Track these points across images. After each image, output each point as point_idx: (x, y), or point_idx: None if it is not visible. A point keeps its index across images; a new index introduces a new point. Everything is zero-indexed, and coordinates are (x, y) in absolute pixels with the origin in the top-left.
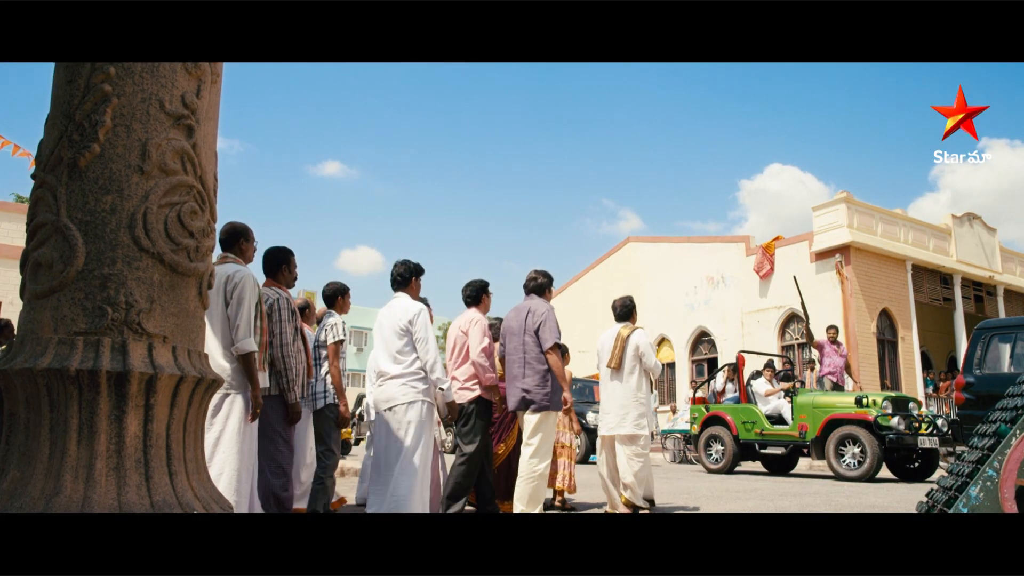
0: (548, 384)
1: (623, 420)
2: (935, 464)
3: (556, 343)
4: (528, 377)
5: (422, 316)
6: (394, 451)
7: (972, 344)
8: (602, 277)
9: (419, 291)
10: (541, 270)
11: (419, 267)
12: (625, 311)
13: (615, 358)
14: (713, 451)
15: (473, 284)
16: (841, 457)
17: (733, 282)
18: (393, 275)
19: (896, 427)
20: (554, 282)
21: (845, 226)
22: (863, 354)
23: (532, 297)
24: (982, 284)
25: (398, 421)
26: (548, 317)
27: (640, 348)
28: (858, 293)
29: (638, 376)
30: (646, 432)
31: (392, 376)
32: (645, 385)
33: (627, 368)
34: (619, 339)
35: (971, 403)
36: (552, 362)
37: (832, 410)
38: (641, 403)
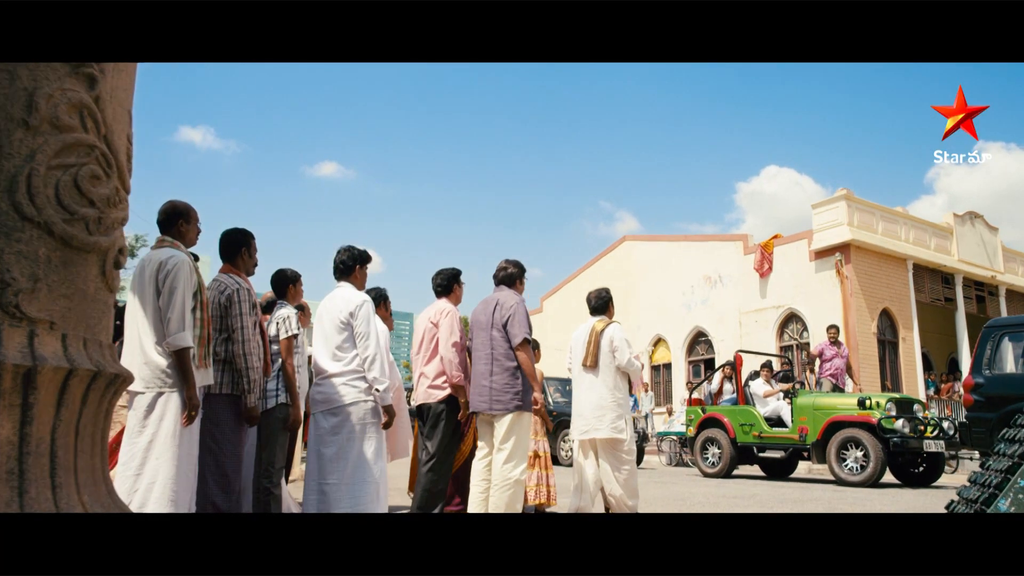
0: (518, 382)
1: (599, 422)
2: (941, 469)
3: (526, 338)
4: (496, 375)
5: (364, 308)
6: (333, 459)
7: (980, 343)
8: (597, 277)
9: (365, 281)
10: (512, 260)
11: (364, 254)
12: (600, 304)
13: (589, 355)
14: (709, 454)
15: (444, 272)
16: (843, 461)
17: (731, 282)
18: (335, 263)
19: (901, 430)
20: (525, 272)
21: (845, 224)
22: (863, 355)
23: (501, 289)
24: (984, 284)
25: (338, 425)
26: (517, 310)
27: (614, 343)
28: (858, 292)
29: (614, 374)
30: (626, 436)
31: (332, 374)
32: (623, 384)
33: (602, 366)
34: (593, 334)
35: (980, 405)
36: (521, 359)
37: (833, 412)
38: (619, 404)
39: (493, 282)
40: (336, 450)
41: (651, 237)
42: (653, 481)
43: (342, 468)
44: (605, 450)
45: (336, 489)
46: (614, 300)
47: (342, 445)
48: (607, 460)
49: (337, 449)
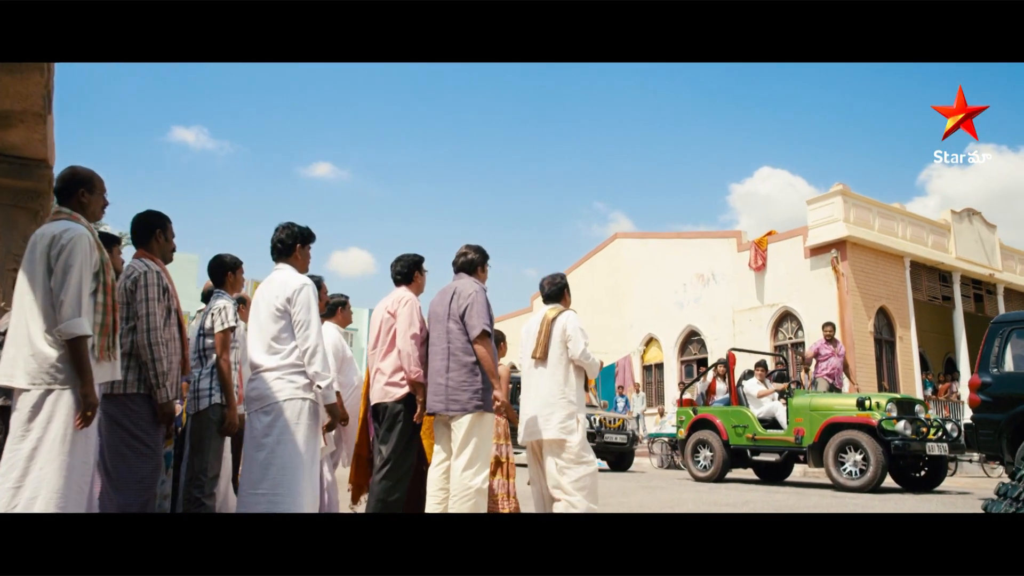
0: (477, 380)
1: (547, 422)
2: (943, 473)
3: (486, 330)
4: (453, 372)
5: (304, 293)
6: (263, 466)
7: (987, 340)
8: (589, 275)
9: (307, 262)
10: (473, 244)
11: (306, 232)
12: (555, 290)
13: (540, 346)
14: (701, 457)
15: (404, 259)
16: (841, 465)
17: (724, 279)
18: (272, 242)
19: (902, 432)
20: (488, 259)
21: (841, 220)
22: (860, 354)
23: (461, 276)
24: (982, 282)
25: (270, 425)
26: (476, 299)
27: (567, 332)
28: (854, 290)
29: (566, 368)
30: (574, 438)
31: (266, 369)
32: (576, 380)
33: (553, 358)
34: (544, 323)
35: (987, 406)
36: (480, 353)
37: (831, 413)
38: (570, 402)
39: (452, 270)
40: (266, 455)
41: (643, 234)
42: (641, 486)
43: (271, 476)
44: (551, 452)
45: (260, 501)
46: (608, 298)
47: (272, 449)
48: (552, 462)
49: (267, 454)
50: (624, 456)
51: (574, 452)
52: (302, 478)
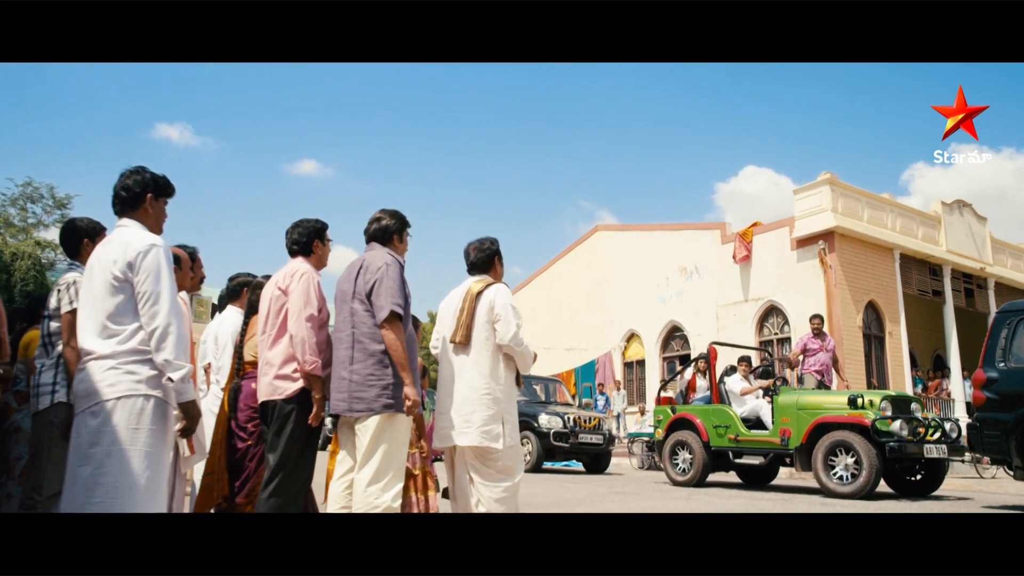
0: (388, 373)
1: (466, 424)
2: (941, 477)
3: (396, 312)
4: (358, 363)
5: (153, 258)
6: (88, 486)
7: (993, 332)
8: (569, 268)
9: (162, 222)
10: (390, 209)
11: (163, 181)
12: (482, 257)
13: (461, 327)
14: (680, 460)
15: (303, 224)
16: (831, 469)
17: (707, 273)
18: (115, 190)
19: (898, 433)
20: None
21: (829, 210)
22: (848, 350)
23: (372, 247)
24: (972, 276)
25: (97, 431)
26: (387, 274)
27: (496, 310)
28: (842, 283)
29: (493, 356)
30: (501, 444)
31: (98, 356)
32: (506, 371)
33: (477, 343)
34: (468, 298)
35: (993, 404)
36: (388, 340)
37: (820, 412)
38: (496, 399)
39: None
40: (92, 471)
41: (624, 226)
42: (614, 491)
43: (98, 499)
44: (473, 463)
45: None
46: (589, 292)
47: (100, 463)
48: (475, 475)
49: (93, 469)
50: (600, 457)
51: (500, 463)
52: (140, 501)
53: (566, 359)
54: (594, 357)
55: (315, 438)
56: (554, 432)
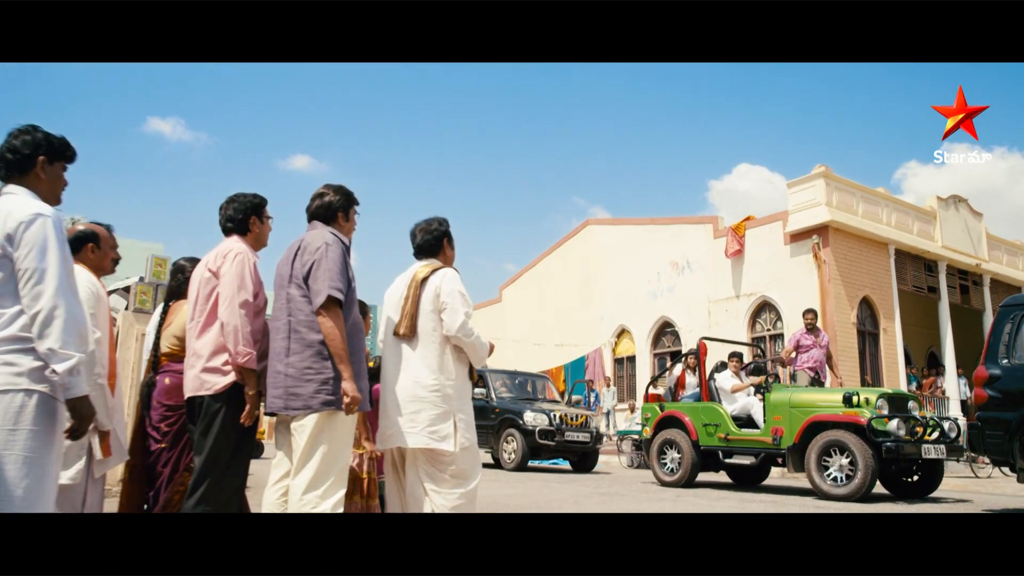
0: (327, 367)
1: (411, 423)
2: (939, 478)
3: (334, 297)
4: (295, 355)
5: (37, 229)
6: None
7: (997, 327)
8: (559, 263)
9: (58, 186)
10: (335, 185)
11: (60, 143)
12: (429, 239)
13: (405, 317)
14: (668, 460)
15: (239, 200)
16: (825, 470)
17: (699, 268)
18: (0, 153)
19: (895, 432)
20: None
21: (823, 204)
22: (842, 347)
23: (314, 226)
24: (967, 273)
25: None
26: (326, 255)
27: (442, 297)
28: (836, 279)
29: (441, 348)
30: (452, 446)
31: None
32: (456, 365)
33: (423, 334)
34: (413, 285)
35: (996, 402)
36: (326, 329)
37: (814, 410)
38: (446, 396)
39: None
40: None
41: (615, 221)
42: (599, 492)
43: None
44: (424, 468)
45: None
46: (579, 287)
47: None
48: (427, 482)
49: None
50: (587, 456)
51: (453, 467)
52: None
53: (556, 355)
54: (584, 353)
55: (249, 439)
56: (539, 430)
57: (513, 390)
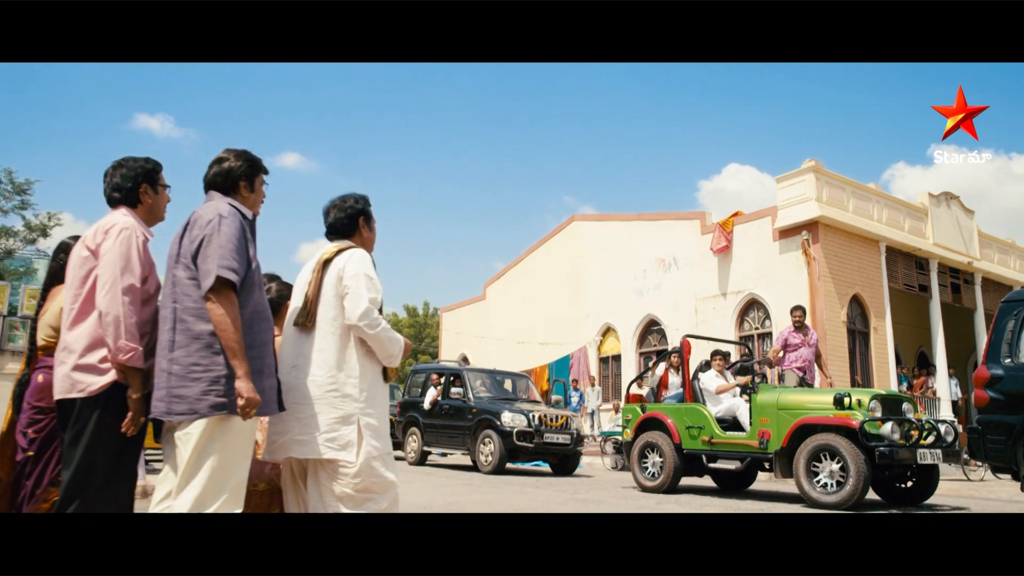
0: (220, 362)
1: (306, 429)
2: (934, 484)
3: (226, 279)
4: (180, 349)
5: None
6: None
7: (999, 324)
8: (544, 260)
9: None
10: (239, 149)
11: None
12: (343, 218)
13: (307, 305)
14: (649, 464)
15: (127, 165)
16: (814, 476)
17: (686, 265)
18: None
19: (889, 436)
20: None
21: (813, 199)
22: (832, 346)
23: (210, 197)
24: (959, 271)
25: None
26: (219, 229)
27: (344, 281)
28: (827, 276)
29: (341, 341)
30: (354, 455)
31: None
32: (363, 361)
33: (323, 325)
34: (316, 268)
35: (998, 405)
36: (214, 316)
37: (803, 412)
38: (346, 396)
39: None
40: None
41: (601, 217)
42: (576, 498)
43: None
44: (323, 482)
45: None
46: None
47: None
48: (327, 498)
49: None
50: (568, 458)
51: (357, 481)
52: None
53: (540, 354)
54: (569, 352)
55: (132, 451)
56: (517, 431)
57: (492, 390)
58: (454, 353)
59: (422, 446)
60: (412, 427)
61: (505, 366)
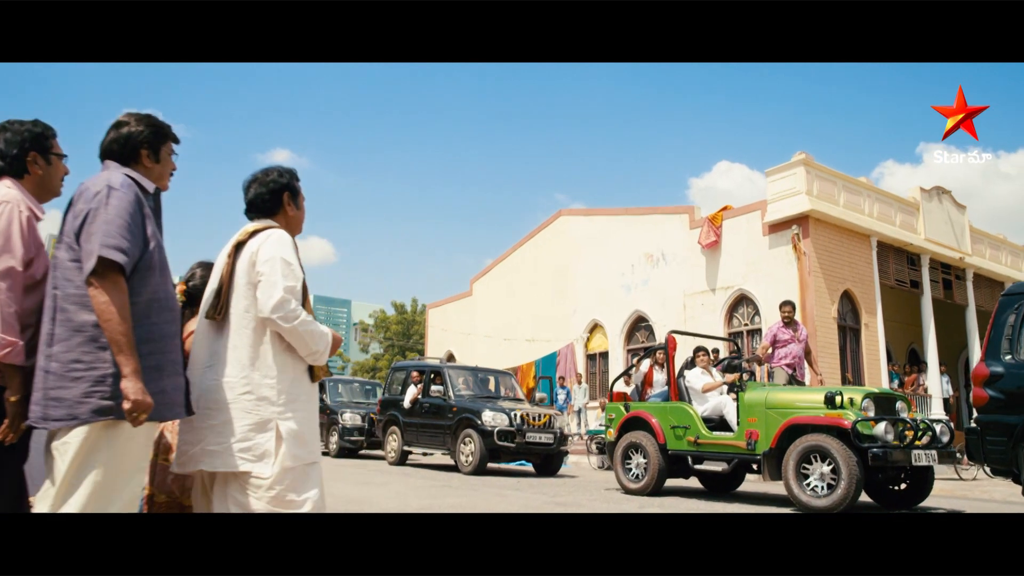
0: (106, 359)
1: (215, 436)
2: (929, 486)
3: (111, 260)
4: (59, 344)
5: None
6: None
7: (998, 318)
8: (531, 256)
9: None
10: (142, 114)
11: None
12: (263, 194)
13: (219, 295)
14: (633, 465)
15: (12, 129)
16: (804, 478)
17: (675, 260)
18: None
19: (883, 437)
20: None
21: (804, 193)
22: (822, 342)
23: (105, 166)
24: (951, 267)
25: None
26: (107, 203)
27: (258, 268)
28: (817, 271)
29: (256, 336)
30: (270, 469)
31: None
32: (282, 358)
33: (236, 317)
34: (230, 252)
35: (998, 404)
36: (98, 306)
37: (793, 412)
38: (262, 400)
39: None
40: None
41: (589, 211)
42: (555, 501)
43: None
44: (230, 492)
45: None
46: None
47: None
48: (232, 511)
49: None
50: (551, 458)
51: (273, 494)
52: None
53: (527, 351)
54: (556, 349)
55: (12, 463)
56: (498, 430)
57: (474, 388)
58: (441, 350)
59: (402, 445)
60: (392, 426)
61: (492, 363)
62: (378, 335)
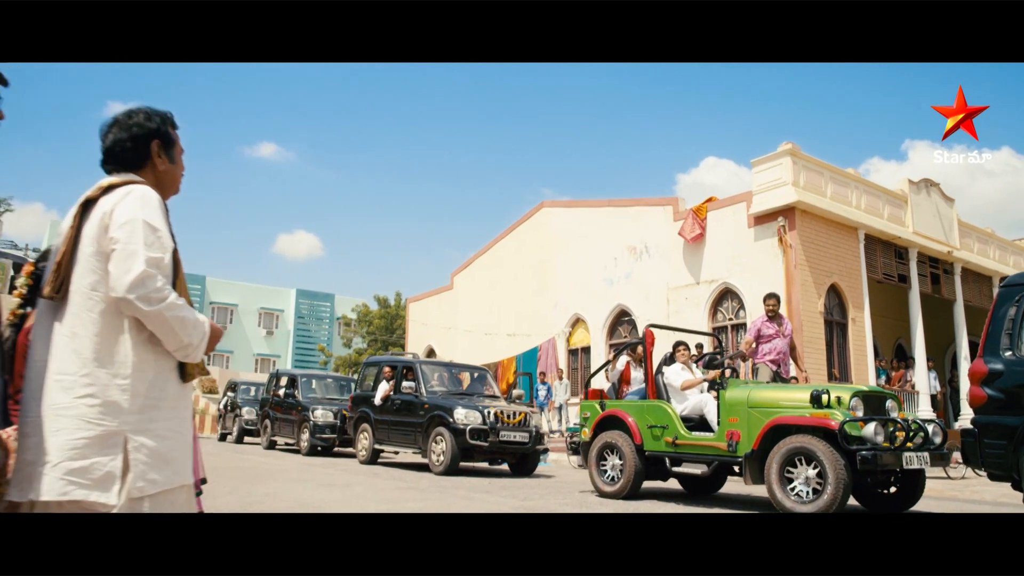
0: None
1: (40, 455)
2: (920, 490)
3: None
4: None
5: None
6: None
7: (997, 311)
8: (512, 249)
9: None
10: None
11: None
12: (124, 142)
13: (58, 267)
14: (608, 466)
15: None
16: (789, 482)
17: (658, 253)
18: None
19: (872, 439)
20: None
21: (790, 184)
22: (808, 337)
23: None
24: (939, 261)
25: None
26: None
27: (112, 233)
28: (803, 265)
29: (103, 322)
30: (116, 497)
31: None
32: (139, 351)
33: (78, 296)
34: (76, 213)
35: (997, 404)
36: None
37: (777, 411)
38: (109, 405)
39: None
40: None
41: (571, 203)
42: (524, 505)
43: None
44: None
45: None
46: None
47: None
48: None
49: None
50: (527, 457)
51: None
52: None
53: (507, 346)
54: (537, 344)
55: None
56: (471, 429)
57: (448, 384)
58: (421, 345)
59: (373, 444)
60: (363, 423)
61: (473, 358)
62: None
